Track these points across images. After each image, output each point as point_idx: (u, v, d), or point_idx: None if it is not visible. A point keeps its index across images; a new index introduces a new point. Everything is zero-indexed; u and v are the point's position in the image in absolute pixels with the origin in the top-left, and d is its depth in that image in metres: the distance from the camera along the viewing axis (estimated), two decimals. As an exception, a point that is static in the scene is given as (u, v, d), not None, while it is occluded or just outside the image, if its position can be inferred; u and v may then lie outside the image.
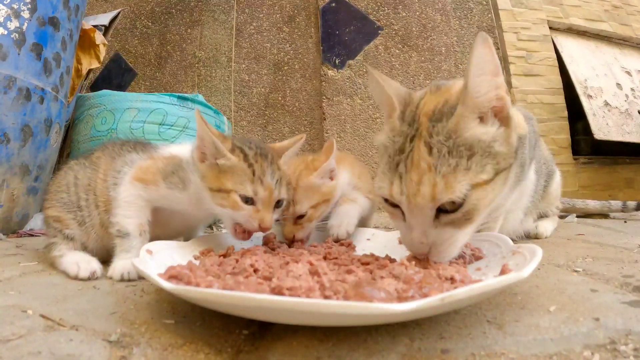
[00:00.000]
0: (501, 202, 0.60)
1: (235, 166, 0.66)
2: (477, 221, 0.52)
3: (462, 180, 0.48)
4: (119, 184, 0.72)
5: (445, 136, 0.50)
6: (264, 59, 2.34)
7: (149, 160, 0.75)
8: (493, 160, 0.51)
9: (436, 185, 0.48)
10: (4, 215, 1.23)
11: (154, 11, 2.49)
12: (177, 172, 0.71)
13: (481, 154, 0.50)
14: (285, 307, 0.33)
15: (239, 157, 0.66)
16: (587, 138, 2.19)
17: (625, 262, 0.68)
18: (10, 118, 1.21)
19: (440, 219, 0.50)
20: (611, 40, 2.49)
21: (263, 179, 0.66)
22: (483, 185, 0.50)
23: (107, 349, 0.39)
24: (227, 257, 0.60)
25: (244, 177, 0.65)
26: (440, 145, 0.49)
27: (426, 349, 0.37)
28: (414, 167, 0.50)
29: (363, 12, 2.27)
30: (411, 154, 0.51)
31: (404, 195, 0.50)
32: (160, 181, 0.71)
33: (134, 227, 0.69)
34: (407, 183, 0.50)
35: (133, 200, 0.71)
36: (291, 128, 2.25)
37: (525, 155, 0.68)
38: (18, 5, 1.22)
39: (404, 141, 0.53)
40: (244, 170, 0.65)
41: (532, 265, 0.41)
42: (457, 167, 0.48)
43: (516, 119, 0.59)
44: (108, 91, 1.65)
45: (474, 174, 0.49)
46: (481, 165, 0.50)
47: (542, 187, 1.01)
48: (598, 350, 0.36)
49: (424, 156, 0.49)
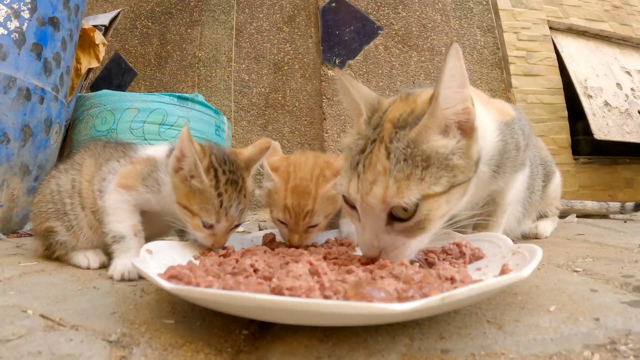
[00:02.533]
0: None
1: (205, 191, 0.66)
2: (431, 230, 0.53)
3: (414, 188, 0.49)
4: (105, 192, 0.74)
5: (405, 144, 0.51)
6: (264, 59, 2.34)
7: (129, 166, 0.76)
8: (450, 173, 0.51)
9: (388, 188, 0.49)
10: (4, 215, 1.23)
11: (154, 11, 2.49)
12: (152, 173, 0.73)
13: (437, 165, 0.51)
14: (285, 307, 0.33)
15: (211, 181, 0.67)
16: (587, 138, 2.19)
17: (625, 262, 0.68)
18: (10, 118, 1.21)
19: (393, 226, 0.51)
20: (611, 40, 2.49)
21: (228, 210, 0.67)
22: (436, 197, 0.50)
23: (107, 349, 0.39)
24: (227, 257, 0.60)
25: (211, 205, 0.66)
26: (398, 152, 0.50)
27: (426, 349, 0.37)
28: (371, 168, 0.51)
29: (363, 12, 2.27)
30: (370, 155, 0.52)
31: (359, 193, 0.52)
32: (140, 185, 0.73)
33: (127, 229, 0.71)
34: (363, 182, 0.52)
35: (120, 205, 0.72)
36: (291, 128, 2.25)
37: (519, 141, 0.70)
38: (18, 5, 1.22)
39: (366, 143, 0.54)
40: (213, 198, 0.66)
41: (532, 265, 0.41)
42: (411, 175, 0.49)
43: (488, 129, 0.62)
44: (108, 91, 1.65)
45: (426, 185, 0.50)
46: (436, 177, 0.50)
47: (540, 188, 1.01)
48: (598, 350, 0.36)
49: (382, 159, 0.51)
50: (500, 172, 0.68)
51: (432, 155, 0.51)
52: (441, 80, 0.49)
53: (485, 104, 0.67)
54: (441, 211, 0.52)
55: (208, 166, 0.68)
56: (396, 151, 0.51)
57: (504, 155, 0.67)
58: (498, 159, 0.66)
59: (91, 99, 1.64)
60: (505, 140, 0.66)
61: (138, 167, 0.75)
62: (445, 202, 0.52)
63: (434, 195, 0.50)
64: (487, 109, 0.66)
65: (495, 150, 0.65)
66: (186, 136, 0.65)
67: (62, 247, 0.77)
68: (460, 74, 0.49)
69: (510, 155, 0.68)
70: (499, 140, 0.65)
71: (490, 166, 0.66)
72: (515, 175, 0.74)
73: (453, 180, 0.51)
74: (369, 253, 0.53)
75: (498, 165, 0.67)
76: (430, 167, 0.50)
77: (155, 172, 0.73)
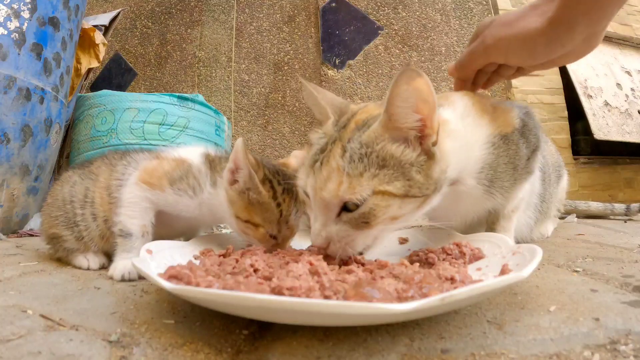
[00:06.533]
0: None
1: (264, 202, 0.66)
2: (376, 227, 0.54)
3: (365, 184, 0.51)
4: (124, 185, 0.71)
5: (359, 144, 0.53)
6: (264, 59, 2.34)
7: (154, 161, 0.73)
8: (406, 181, 0.53)
9: (341, 184, 0.52)
10: (4, 215, 1.23)
11: (154, 11, 2.49)
12: (186, 178, 0.70)
13: (394, 170, 0.53)
14: (285, 307, 0.33)
15: (269, 192, 0.66)
16: (587, 138, 2.19)
17: (625, 262, 0.68)
18: (10, 118, 1.21)
19: (341, 216, 0.54)
20: (611, 40, 2.48)
21: (289, 219, 0.68)
22: (386, 195, 0.52)
23: (107, 349, 0.39)
24: (227, 257, 0.60)
25: (272, 216, 0.66)
26: (354, 151, 0.53)
27: (426, 349, 0.37)
28: (327, 165, 0.54)
29: (363, 12, 2.27)
30: (329, 153, 0.55)
31: (313, 188, 0.55)
32: (167, 186, 0.69)
33: (136, 228, 0.69)
34: (318, 178, 0.54)
35: (137, 201, 0.69)
36: (291, 128, 2.25)
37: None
38: (18, 5, 1.22)
39: (327, 142, 0.57)
40: (273, 209, 0.66)
41: (532, 265, 0.41)
42: (364, 173, 0.52)
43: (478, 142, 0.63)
44: (108, 91, 1.65)
45: (378, 182, 0.52)
46: (390, 178, 0.52)
47: (553, 194, 0.99)
48: (598, 350, 0.36)
49: (337, 157, 0.54)
50: (495, 186, 0.67)
51: (387, 157, 0.53)
52: (388, 97, 0.50)
53: (481, 115, 0.66)
54: (390, 212, 0.53)
55: (263, 178, 0.67)
56: (351, 150, 0.53)
57: (497, 169, 0.67)
58: (490, 173, 0.66)
59: (91, 99, 1.64)
60: (497, 153, 0.66)
61: (166, 166, 0.71)
62: (397, 207, 0.53)
63: (384, 192, 0.52)
64: (480, 122, 0.66)
65: (485, 163, 0.65)
66: (241, 149, 0.64)
67: (70, 252, 0.76)
68: (412, 98, 0.50)
69: (507, 168, 0.68)
70: (490, 154, 0.65)
71: (479, 180, 0.65)
72: (519, 186, 0.72)
73: (409, 190, 0.53)
74: (317, 242, 0.55)
75: (491, 180, 0.67)
76: (387, 167, 0.52)
77: (189, 178, 0.70)
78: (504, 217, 0.75)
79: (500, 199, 0.70)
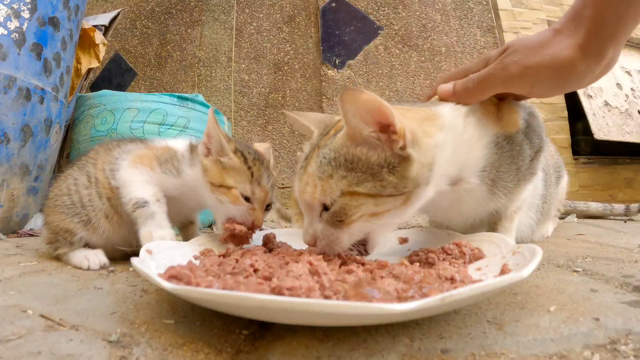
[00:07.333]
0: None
1: (236, 166, 0.72)
2: (353, 225, 0.57)
3: (334, 186, 0.55)
4: (117, 170, 0.76)
5: (329, 150, 0.57)
6: (264, 59, 2.34)
7: (144, 150, 0.80)
8: (377, 182, 0.55)
9: (316, 187, 0.57)
10: (4, 215, 1.23)
11: (154, 11, 2.49)
12: (171, 160, 0.77)
13: (362, 172, 0.55)
14: (285, 307, 0.33)
15: (240, 159, 0.73)
16: (587, 138, 2.19)
17: (625, 262, 0.68)
18: (10, 118, 1.21)
19: (322, 215, 0.58)
20: (611, 40, 2.48)
21: (260, 181, 0.73)
22: (355, 195, 0.55)
23: (107, 349, 0.39)
24: (227, 257, 0.60)
25: (244, 177, 0.72)
26: (324, 157, 0.57)
27: (426, 349, 0.37)
28: (306, 170, 0.59)
29: (363, 12, 2.27)
30: (309, 159, 0.60)
31: (298, 192, 0.60)
32: (156, 165, 0.76)
33: (149, 194, 0.73)
34: (301, 182, 0.60)
35: (136, 177, 0.75)
36: (291, 128, 2.25)
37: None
38: (18, 5, 1.22)
39: (310, 149, 0.62)
40: (244, 171, 0.72)
41: (532, 265, 0.41)
42: (333, 175, 0.56)
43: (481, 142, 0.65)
44: (108, 91, 1.65)
45: (347, 183, 0.55)
46: (359, 179, 0.55)
47: (554, 194, 0.99)
48: (598, 350, 0.36)
49: (313, 163, 0.58)
50: (498, 187, 0.68)
51: (354, 161, 0.55)
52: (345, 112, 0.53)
53: (486, 114, 0.67)
54: (364, 210, 0.55)
55: (235, 149, 0.74)
56: (322, 155, 0.57)
57: (500, 169, 0.67)
58: (492, 172, 0.66)
59: (91, 99, 1.64)
60: (501, 153, 0.66)
61: (155, 152, 0.79)
62: (372, 205, 0.55)
63: (353, 193, 0.55)
64: (486, 121, 0.66)
65: (488, 162, 0.66)
66: (212, 118, 0.72)
67: (76, 246, 0.77)
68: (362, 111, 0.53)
69: (510, 169, 0.68)
70: (493, 154, 0.66)
71: (482, 178, 0.66)
72: (522, 187, 0.72)
73: (381, 189, 0.55)
74: (305, 238, 0.61)
75: (494, 180, 0.67)
76: (355, 170, 0.55)
77: (174, 160, 0.77)
78: (506, 217, 0.75)
79: (503, 200, 0.70)
